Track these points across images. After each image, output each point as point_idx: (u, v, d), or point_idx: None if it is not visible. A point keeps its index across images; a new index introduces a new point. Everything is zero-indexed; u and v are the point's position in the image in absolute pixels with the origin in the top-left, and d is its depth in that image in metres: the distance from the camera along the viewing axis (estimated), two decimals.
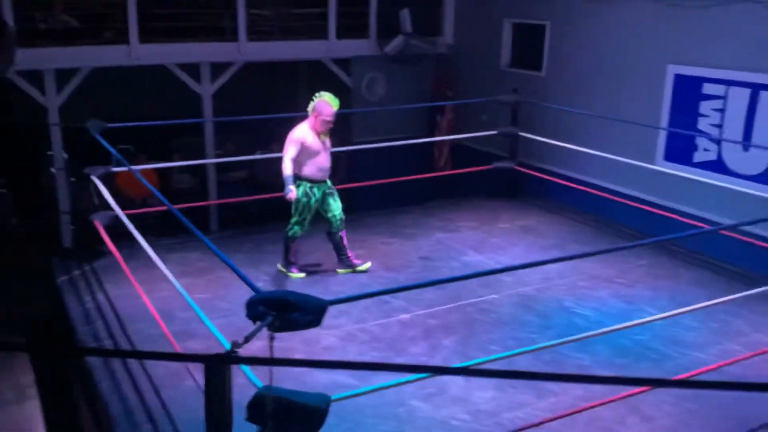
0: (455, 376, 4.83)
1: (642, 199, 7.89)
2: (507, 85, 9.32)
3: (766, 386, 1.91)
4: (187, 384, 4.72)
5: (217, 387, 2.46)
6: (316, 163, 6.35)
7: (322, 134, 6.36)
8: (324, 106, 6.28)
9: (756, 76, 6.98)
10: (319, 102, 6.31)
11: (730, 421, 4.56)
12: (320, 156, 6.35)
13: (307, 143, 6.28)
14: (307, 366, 2.08)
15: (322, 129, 6.33)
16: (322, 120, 6.28)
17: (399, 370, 2.13)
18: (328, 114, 6.27)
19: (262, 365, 3.32)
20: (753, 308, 5.97)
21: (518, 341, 5.42)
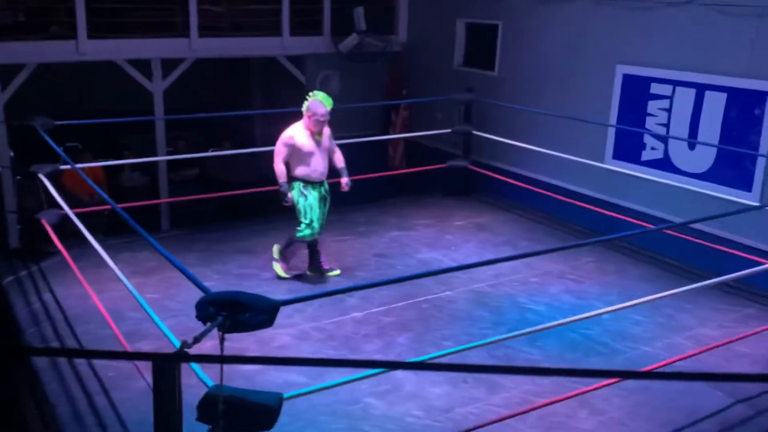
0: (409, 372, 4.86)
1: (592, 197, 8.04)
2: (461, 84, 9.39)
3: (710, 376, 1.97)
4: (137, 384, 4.65)
5: (166, 386, 2.43)
6: (309, 163, 6.21)
7: (316, 134, 6.22)
8: (317, 105, 6.16)
9: (701, 77, 7.17)
10: (312, 101, 6.19)
11: (677, 412, 4.68)
12: (314, 156, 6.21)
13: (297, 144, 6.15)
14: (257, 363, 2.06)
15: (315, 129, 6.19)
16: (315, 120, 6.14)
17: (345, 365, 2.13)
18: (321, 114, 6.14)
19: (210, 363, 3.29)
20: (698, 303, 6.14)
21: (471, 337, 5.46)
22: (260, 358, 1.53)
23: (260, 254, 7.06)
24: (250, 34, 9.93)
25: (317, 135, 6.24)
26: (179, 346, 2.75)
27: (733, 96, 6.95)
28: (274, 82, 11.71)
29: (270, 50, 10.08)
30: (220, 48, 9.70)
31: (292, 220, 8.14)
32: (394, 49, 10.67)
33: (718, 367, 5.20)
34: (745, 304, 6.24)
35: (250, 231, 7.72)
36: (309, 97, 6.24)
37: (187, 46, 9.39)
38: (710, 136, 7.11)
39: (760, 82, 6.72)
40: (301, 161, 6.22)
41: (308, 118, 6.20)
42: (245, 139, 11.55)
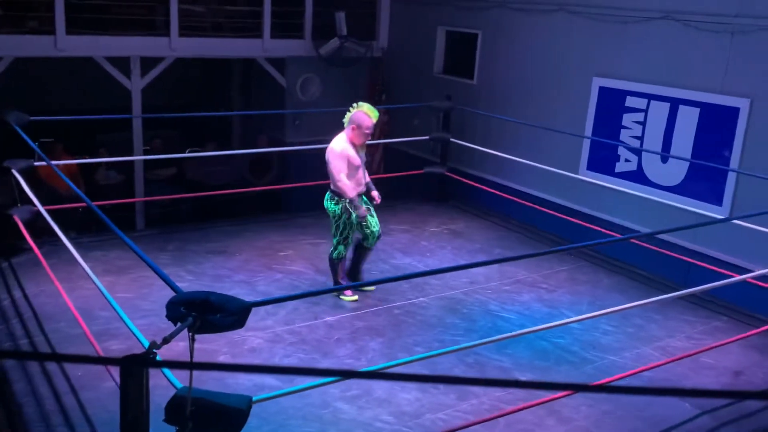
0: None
1: (566, 206, 8.12)
2: (440, 92, 9.44)
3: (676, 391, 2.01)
4: (106, 384, 4.61)
5: (134, 389, 2.43)
6: (355, 177, 6.01)
7: (359, 147, 6.03)
8: (363, 117, 5.92)
9: (675, 91, 7.29)
10: (357, 113, 5.96)
11: (643, 422, 4.74)
12: (360, 170, 6.04)
13: (350, 157, 5.95)
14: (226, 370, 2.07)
15: (359, 141, 5.98)
16: (360, 132, 5.94)
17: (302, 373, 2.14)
18: (367, 126, 5.93)
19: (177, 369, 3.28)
20: (667, 314, 6.22)
21: (443, 343, 5.50)
22: (228, 366, 1.53)
23: (234, 255, 7.05)
24: (231, 35, 9.92)
25: (360, 147, 6.05)
26: (148, 347, 2.74)
27: (706, 111, 7.07)
28: (254, 85, 11.69)
29: (250, 52, 10.07)
30: (200, 48, 9.67)
31: (266, 222, 8.18)
32: (375, 54, 10.71)
33: (685, 377, 5.27)
34: (713, 316, 6.33)
35: (225, 232, 7.70)
36: (353, 109, 6.02)
37: (167, 45, 9.35)
38: (683, 150, 7.22)
39: (733, 98, 6.84)
40: (349, 175, 5.99)
41: (352, 130, 5.96)
42: (223, 140, 11.52)
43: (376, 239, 6.25)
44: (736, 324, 6.15)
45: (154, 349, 2.72)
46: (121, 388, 2.50)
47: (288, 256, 7.13)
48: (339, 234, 6.11)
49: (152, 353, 2.70)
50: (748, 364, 5.55)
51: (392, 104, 10.54)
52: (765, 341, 5.84)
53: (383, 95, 10.77)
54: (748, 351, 5.72)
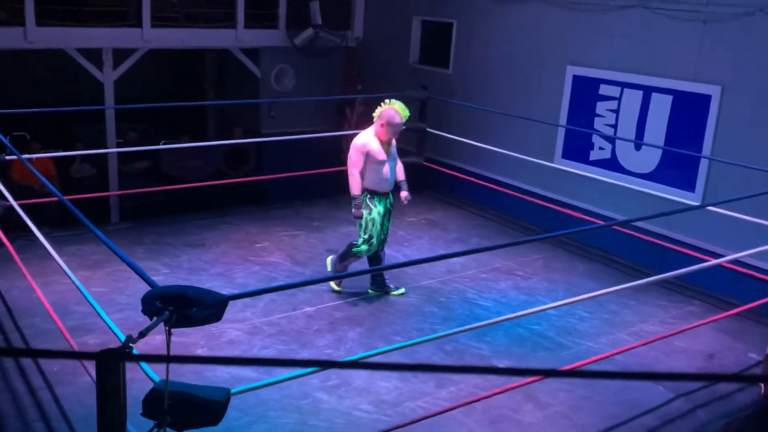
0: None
1: (542, 195, 8.18)
2: (416, 81, 9.44)
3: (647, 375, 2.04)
4: (82, 379, 4.57)
5: (110, 383, 2.41)
6: (379, 173, 5.88)
7: (386, 143, 5.92)
8: (393, 114, 5.84)
9: (648, 79, 7.35)
10: (387, 109, 5.87)
11: (620, 406, 4.81)
12: (384, 166, 5.89)
13: (371, 151, 5.85)
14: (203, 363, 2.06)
15: (386, 138, 5.88)
16: (389, 129, 5.84)
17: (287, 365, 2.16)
18: (397, 123, 5.84)
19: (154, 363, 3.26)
20: (641, 299, 6.31)
21: (421, 332, 5.53)
22: (206, 359, 1.53)
23: (211, 248, 7.03)
24: (204, 26, 9.84)
25: (387, 144, 5.93)
26: (124, 341, 2.73)
27: (678, 99, 7.15)
28: (228, 76, 11.61)
29: (224, 42, 9.99)
30: (173, 39, 9.57)
31: (242, 214, 8.15)
32: (350, 44, 10.68)
33: (658, 361, 5.36)
34: (686, 300, 6.43)
35: (201, 225, 7.66)
36: (384, 104, 5.94)
37: (140, 36, 9.25)
38: (656, 138, 7.30)
39: (705, 85, 6.92)
40: (371, 171, 5.87)
41: (381, 126, 5.86)
42: (198, 132, 11.43)
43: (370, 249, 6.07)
44: (708, 308, 6.25)
45: (130, 344, 2.70)
46: (97, 382, 2.49)
47: (265, 248, 7.12)
48: (363, 232, 5.99)
49: (128, 347, 2.69)
50: (720, 347, 5.65)
51: (368, 94, 10.52)
52: (737, 325, 5.94)
53: (359, 85, 10.75)
54: (720, 335, 5.82)
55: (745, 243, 5.91)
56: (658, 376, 1.68)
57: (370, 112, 10.79)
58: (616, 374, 3.72)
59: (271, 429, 4.35)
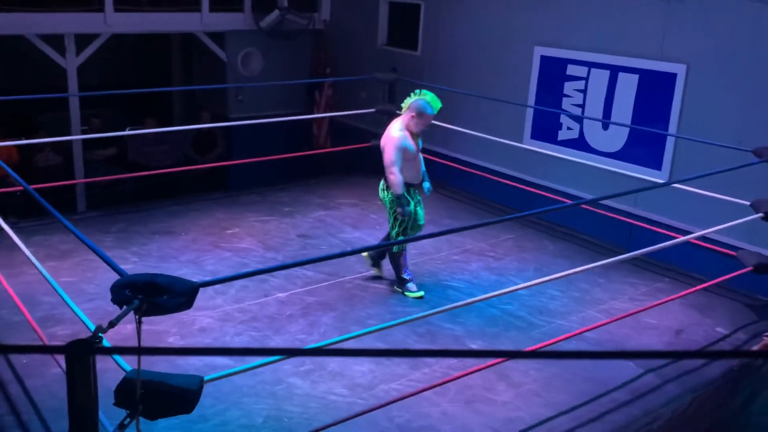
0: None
1: (511, 175, 8.22)
2: (384, 64, 9.41)
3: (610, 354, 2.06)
4: (52, 371, 4.52)
5: (80, 375, 2.38)
6: (411, 166, 5.79)
7: (416, 135, 5.82)
8: (425, 106, 5.71)
9: (614, 59, 7.40)
10: (419, 101, 5.72)
11: (591, 383, 4.87)
12: (416, 159, 5.82)
13: (407, 146, 5.73)
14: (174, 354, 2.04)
15: (417, 130, 5.77)
16: (420, 122, 5.72)
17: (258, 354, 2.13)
18: (428, 115, 5.73)
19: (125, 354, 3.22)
20: (610, 277, 6.39)
21: (395, 315, 5.54)
22: (177, 349, 1.51)
23: (180, 235, 6.96)
24: (169, 10, 9.67)
25: (416, 136, 5.84)
26: (94, 331, 2.69)
27: (644, 78, 7.21)
28: (194, 60, 11.45)
29: (189, 26, 9.83)
30: (136, 23, 9.39)
31: (211, 200, 8.08)
32: (317, 26, 10.59)
33: (629, 338, 5.44)
34: (655, 277, 6.53)
35: (169, 212, 7.58)
36: (414, 95, 5.79)
37: (102, 21, 9.06)
38: (623, 117, 7.37)
39: (670, 64, 6.99)
40: (405, 165, 5.75)
41: (411, 118, 5.73)
42: (165, 116, 11.28)
43: (419, 231, 6.00)
44: (677, 284, 6.35)
45: (100, 333, 2.67)
46: (67, 374, 2.46)
47: (235, 234, 7.08)
48: (397, 226, 5.85)
49: (98, 338, 2.65)
50: (688, 322, 5.75)
51: (337, 77, 10.46)
52: (704, 300, 6.05)
53: (327, 68, 10.67)
54: (688, 310, 5.92)
55: (712, 219, 6.02)
56: (623, 355, 1.70)
57: (339, 95, 10.78)
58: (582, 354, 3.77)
59: (245, 415, 4.34)
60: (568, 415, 4.53)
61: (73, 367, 2.40)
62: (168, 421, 3.58)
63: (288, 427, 4.26)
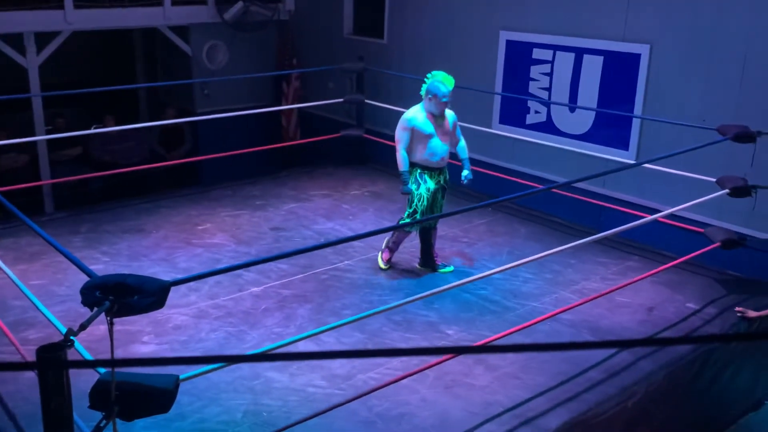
0: (309, 343, 4.89)
1: (481, 161, 8.25)
2: (351, 53, 9.37)
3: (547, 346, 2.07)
4: (25, 376, 4.46)
5: (53, 380, 2.35)
6: (428, 147, 5.80)
7: (437, 116, 5.84)
8: (437, 86, 5.74)
9: (579, 41, 7.46)
10: (431, 83, 5.77)
11: (566, 363, 4.93)
12: (433, 140, 5.80)
13: (417, 127, 5.78)
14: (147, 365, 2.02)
15: (437, 111, 5.80)
16: (437, 101, 5.75)
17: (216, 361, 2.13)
18: (442, 94, 5.73)
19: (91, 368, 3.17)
20: (582, 258, 6.46)
21: (371, 304, 5.56)
22: (150, 360, 1.49)
23: (151, 233, 6.89)
24: (130, 5, 9.52)
25: (439, 118, 5.85)
26: (65, 335, 2.66)
27: (609, 59, 7.28)
28: (158, 55, 11.31)
29: (151, 21, 9.70)
30: (97, 19, 9.24)
31: (181, 196, 8.00)
32: (282, 17, 10.51)
33: (602, 317, 5.51)
34: (625, 257, 6.61)
35: (138, 210, 7.50)
36: (428, 78, 5.82)
37: (63, 18, 8.91)
38: (589, 99, 7.43)
39: (634, 45, 7.06)
40: (419, 145, 5.81)
41: (429, 101, 5.79)
42: (131, 113, 11.13)
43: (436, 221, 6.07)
44: (647, 262, 6.44)
45: (71, 336, 2.64)
46: (40, 383, 2.43)
47: (207, 230, 7.03)
48: (409, 206, 5.98)
49: (69, 341, 2.62)
50: (659, 299, 5.84)
51: (303, 68, 10.41)
52: (674, 277, 6.15)
53: (294, 59, 10.62)
54: (659, 287, 6.01)
55: (679, 197, 6.11)
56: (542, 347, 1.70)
57: (307, 86, 10.72)
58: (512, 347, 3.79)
59: (224, 411, 4.33)
60: (545, 396, 4.58)
61: (45, 375, 2.37)
62: (146, 420, 3.55)
63: (268, 420, 4.25)
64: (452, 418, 4.35)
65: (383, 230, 6.13)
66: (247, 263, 4.86)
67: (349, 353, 1.31)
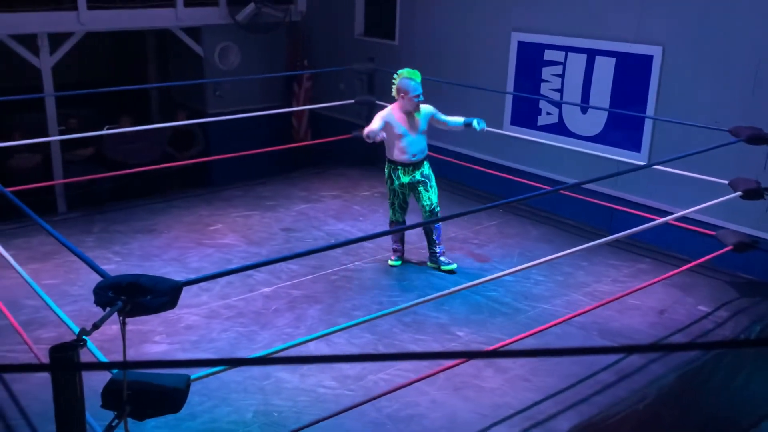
0: (321, 343, 4.90)
1: (492, 162, 8.25)
2: (362, 54, 9.38)
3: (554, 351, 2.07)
4: (39, 375, 4.49)
5: (66, 385, 2.37)
6: (398, 144, 5.96)
7: (414, 113, 5.95)
8: (405, 83, 5.88)
9: (591, 42, 7.43)
10: (399, 81, 5.92)
11: (577, 365, 4.91)
12: (404, 138, 5.95)
13: (389, 122, 5.93)
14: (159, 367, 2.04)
15: (411, 107, 5.93)
16: (407, 98, 5.89)
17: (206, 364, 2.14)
18: (411, 89, 5.87)
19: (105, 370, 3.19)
20: (593, 260, 6.44)
21: (381, 305, 5.56)
22: (161, 362, 1.50)
23: (163, 233, 6.92)
24: (143, 6, 9.57)
25: (414, 114, 5.96)
26: (77, 334, 2.68)
27: (621, 61, 7.25)
28: (170, 56, 11.36)
29: (164, 22, 9.75)
30: (110, 21, 9.30)
31: (193, 197, 8.03)
32: (294, 18, 10.53)
33: (612, 319, 5.49)
34: (637, 259, 6.58)
35: (150, 210, 7.54)
36: (395, 79, 5.95)
37: (76, 19, 8.97)
38: (601, 101, 7.40)
39: (646, 46, 7.02)
40: (391, 142, 5.99)
41: (401, 99, 5.93)
42: (142, 114, 11.19)
43: (427, 216, 6.14)
44: (658, 265, 6.41)
45: (84, 336, 2.66)
46: (53, 383, 2.44)
47: (218, 230, 7.05)
48: (389, 197, 6.31)
49: (82, 341, 2.64)
50: (670, 302, 5.82)
51: (314, 69, 10.42)
52: (686, 280, 6.11)
53: (305, 60, 10.64)
54: (670, 290, 5.98)
55: (690, 199, 6.08)
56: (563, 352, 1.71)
57: (318, 87, 10.74)
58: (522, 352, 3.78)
59: (234, 411, 4.34)
60: (555, 399, 4.57)
61: (58, 377, 2.39)
62: (157, 420, 3.57)
63: (278, 421, 4.26)
64: (462, 420, 4.35)
65: (393, 231, 6.14)
66: (258, 264, 4.87)
67: (358, 357, 1.31)
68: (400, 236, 6.36)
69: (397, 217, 6.32)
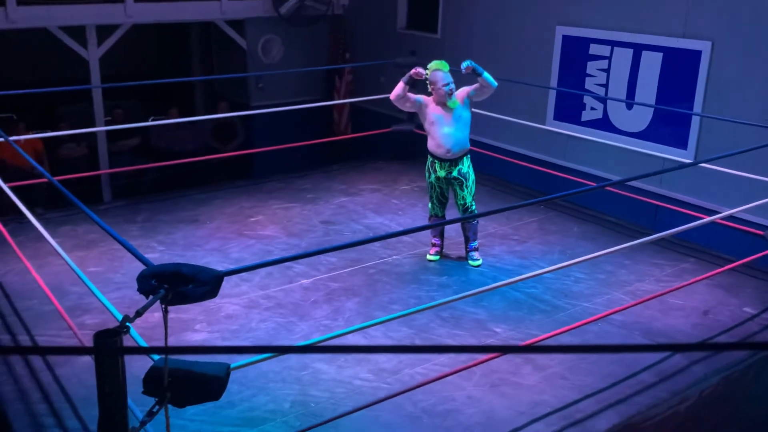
0: (358, 335, 4.91)
1: (534, 158, 8.16)
2: (404, 47, 9.36)
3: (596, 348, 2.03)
4: (82, 360, 4.59)
5: (109, 366, 2.42)
6: (435, 136, 5.91)
7: (449, 103, 5.87)
8: (434, 75, 5.83)
9: (638, 37, 7.30)
10: (430, 75, 5.86)
11: (617, 365, 4.84)
12: (440, 129, 5.86)
13: (425, 110, 5.92)
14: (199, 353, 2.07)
15: (443, 99, 5.86)
16: (438, 89, 5.83)
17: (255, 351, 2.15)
18: (441, 80, 5.81)
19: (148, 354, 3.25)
20: (636, 259, 6.33)
21: (419, 300, 5.55)
22: (201, 348, 1.52)
23: (205, 224, 7.01)
24: None
25: (449, 104, 5.88)
26: (121, 321, 2.73)
27: (668, 56, 7.11)
28: (214, 48, 11.49)
29: (208, 15, 9.86)
30: (156, 13, 9.44)
31: (235, 188, 8.12)
32: (336, 12, 10.56)
33: (654, 319, 5.40)
34: (681, 258, 6.45)
35: (194, 200, 7.64)
36: (427, 72, 5.90)
37: (123, 12, 9.13)
38: (647, 96, 7.27)
39: (694, 41, 6.88)
40: (428, 132, 5.95)
41: (433, 90, 5.89)
42: (186, 106, 11.35)
43: (461, 213, 6.14)
44: (703, 264, 6.28)
45: (127, 323, 2.71)
46: (96, 367, 2.50)
47: (259, 222, 7.12)
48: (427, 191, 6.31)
49: (125, 327, 2.69)
50: (714, 302, 5.69)
51: (356, 62, 10.44)
52: (730, 280, 5.98)
53: (347, 53, 10.65)
54: (714, 290, 5.85)
55: (738, 198, 5.93)
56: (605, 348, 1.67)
57: (359, 80, 10.75)
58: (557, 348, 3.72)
59: (272, 401, 4.39)
60: (594, 398, 4.51)
61: (101, 361, 2.44)
62: (196, 407, 3.62)
63: (314, 411, 4.29)
64: (498, 417, 4.32)
65: (432, 225, 6.12)
66: (298, 255, 4.92)
67: (396, 348, 1.32)
68: (440, 231, 6.33)
69: (436, 211, 6.28)
